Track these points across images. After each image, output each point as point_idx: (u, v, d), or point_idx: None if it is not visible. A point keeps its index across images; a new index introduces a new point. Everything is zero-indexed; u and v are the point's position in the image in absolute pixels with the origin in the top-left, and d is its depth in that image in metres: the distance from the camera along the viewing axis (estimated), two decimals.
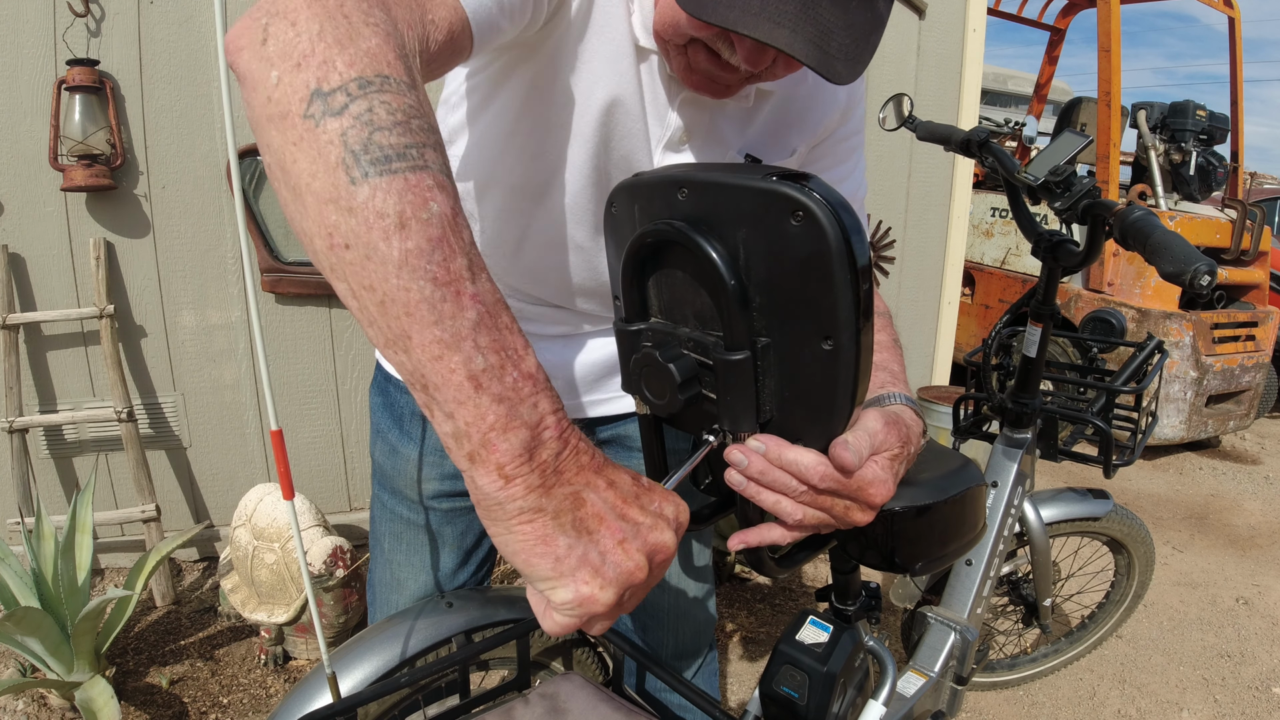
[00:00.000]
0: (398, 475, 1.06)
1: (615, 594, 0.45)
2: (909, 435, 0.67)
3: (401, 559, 1.09)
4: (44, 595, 1.76)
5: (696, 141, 0.84)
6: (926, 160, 3.39)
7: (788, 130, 0.89)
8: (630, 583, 0.46)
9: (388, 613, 1.11)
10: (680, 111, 0.81)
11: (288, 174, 0.44)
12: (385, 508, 1.10)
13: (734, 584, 2.55)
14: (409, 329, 0.42)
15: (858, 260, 0.54)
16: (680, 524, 0.51)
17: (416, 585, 1.09)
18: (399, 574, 1.10)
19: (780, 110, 0.87)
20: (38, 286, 2.24)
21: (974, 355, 1.59)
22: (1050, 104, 7.10)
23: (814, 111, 0.90)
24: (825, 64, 0.63)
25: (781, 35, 0.62)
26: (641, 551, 0.47)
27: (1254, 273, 4.20)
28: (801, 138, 0.90)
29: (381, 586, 1.13)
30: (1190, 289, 0.97)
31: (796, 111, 0.88)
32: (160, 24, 2.17)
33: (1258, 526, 3.40)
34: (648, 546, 0.47)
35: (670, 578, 1.11)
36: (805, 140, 0.90)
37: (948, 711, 1.52)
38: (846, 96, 0.91)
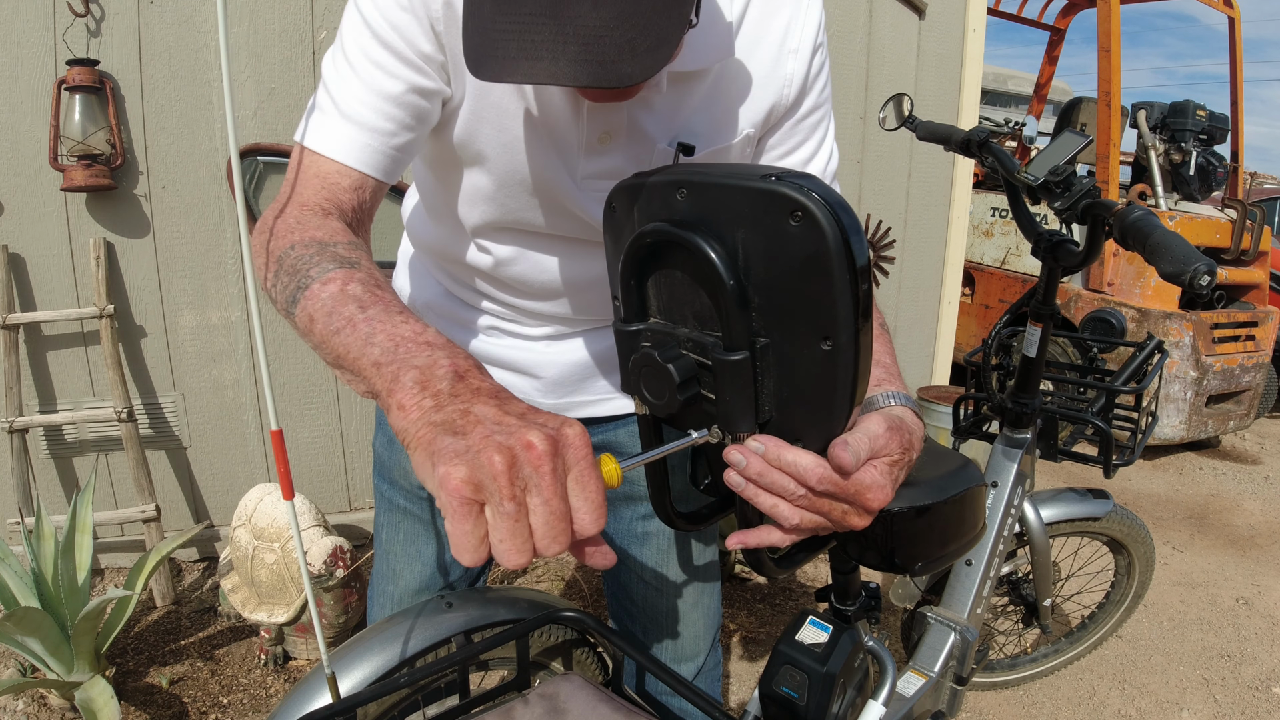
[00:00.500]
0: (394, 465, 1.08)
1: (467, 472, 0.47)
2: (911, 441, 0.67)
3: (398, 549, 1.10)
4: (44, 595, 1.76)
5: (619, 141, 0.82)
6: (926, 160, 3.39)
7: (731, 112, 0.84)
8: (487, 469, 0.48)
9: (383, 603, 1.13)
10: (590, 117, 0.79)
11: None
12: (384, 498, 1.12)
13: (734, 584, 2.55)
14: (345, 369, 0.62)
15: (856, 260, 0.54)
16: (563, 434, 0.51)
17: (412, 576, 1.10)
18: (395, 564, 1.11)
19: (717, 90, 0.83)
20: (38, 286, 2.24)
21: (974, 355, 1.59)
22: (1050, 104, 7.10)
23: (760, 90, 0.84)
24: (603, 74, 0.57)
25: (542, 70, 0.58)
26: (504, 444, 0.48)
27: (1254, 273, 4.19)
28: (750, 119, 0.85)
29: (378, 577, 1.14)
30: (1190, 289, 0.97)
31: (738, 90, 0.84)
32: (160, 24, 2.17)
33: (1258, 526, 3.40)
34: (512, 439, 0.49)
35: (670, 579, 1.11)
36: (755, 122, 0.86)
37: (948, 711, 1.52)
38: (804, 71, 0.85)
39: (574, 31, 0.58)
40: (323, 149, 0.76)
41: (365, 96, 0.76)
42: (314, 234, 0.70)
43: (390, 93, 0.76)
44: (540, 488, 0.49)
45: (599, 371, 1.01)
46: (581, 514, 0.51)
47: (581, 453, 0.51)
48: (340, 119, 0.76)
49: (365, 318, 0.60)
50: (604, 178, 0.83)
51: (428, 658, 0.94)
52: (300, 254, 0.68)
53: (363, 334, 0.59)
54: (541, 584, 2.53)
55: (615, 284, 0.70)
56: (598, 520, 0.51)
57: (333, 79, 0.78)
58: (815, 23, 0.85)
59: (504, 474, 0.47)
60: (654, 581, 1.11)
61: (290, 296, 0.66)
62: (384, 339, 0.58)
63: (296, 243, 0.69)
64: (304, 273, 0.66)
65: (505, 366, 1.02)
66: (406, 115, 0.77)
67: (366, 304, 0.62)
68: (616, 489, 1.09)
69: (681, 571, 1.11)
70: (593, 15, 0.57)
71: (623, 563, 1.13)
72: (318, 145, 0.76)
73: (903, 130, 1.51)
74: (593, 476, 0.51)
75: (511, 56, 0.58)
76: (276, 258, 0.70)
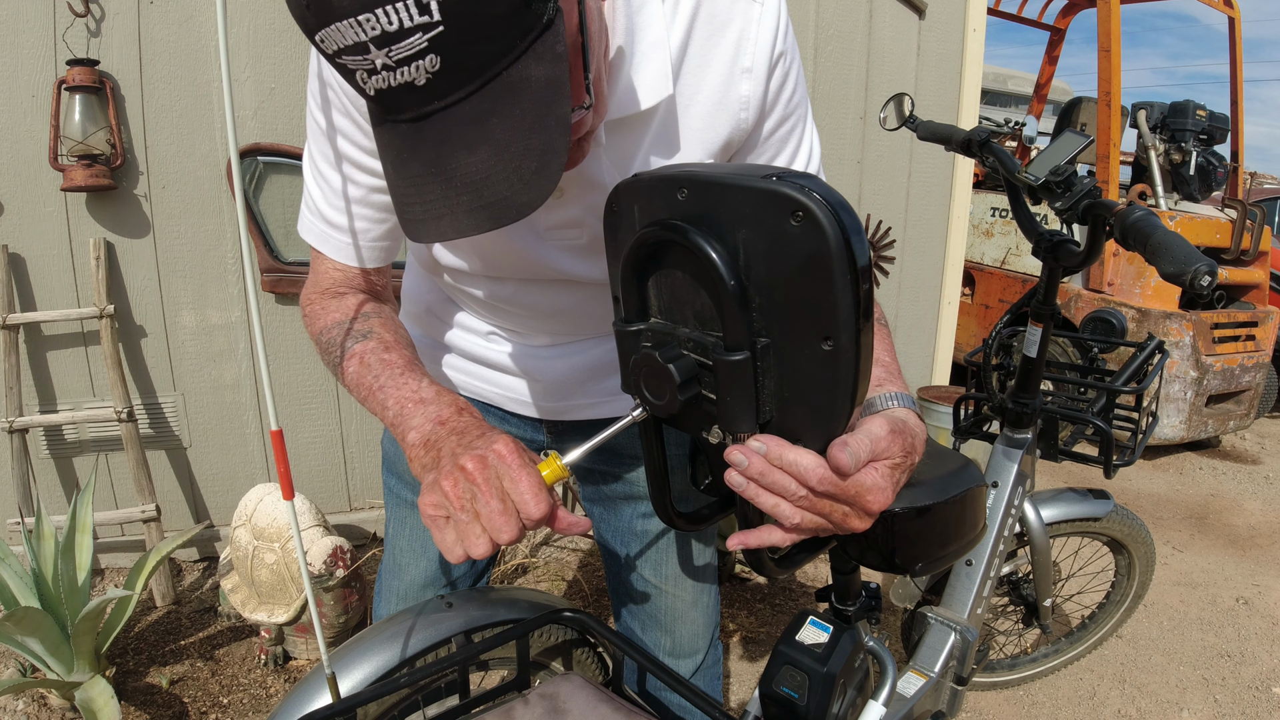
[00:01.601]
0: (400, 460, 1.09)
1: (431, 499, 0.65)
2: (913, 445, 0.66)
3: (404, 544, 1.12)
4: (44, 595, 1.76)
5: (572, 192, 0.80)
6: (926, 160, 3.39)
7: (686, 144, 0.80)
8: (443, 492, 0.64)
9: (388, 597, 1.14)
10: None
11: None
12: (392, 493, 1.13)
13: (734, 584, 2.55)
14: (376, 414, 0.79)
15: (857, 260, 0.54)
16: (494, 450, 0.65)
17: (416, 570, 1.11)
18: (400, 559, 1.13)
19: (667, 123, 0.79)
20: (38, 286, 2.24)
21: (974, 355, 1.59)
22: (1050, 104, 7.09)
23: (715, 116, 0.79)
24: (501, 214, 0.57)
25: (446, 226, 0.58)
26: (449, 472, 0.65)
27: (1254, 273, 4.19)
28: (706, 149, 0.81)
29: (385, 572, 1.17)
30: (1190, 289, 0.97)
31: (690, 121, 0.79)
32: (160, 24, 2.17)
33: (1258, 526, 3.40)
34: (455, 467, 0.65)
35: (670, 577, 1.11)
36: (712, 151, 0.81)
37: (948, 712, 1.52)
38: (762, 91, 0.79)
39: (459, 182, 0.57)
40: (320, 247, 0.88)
41: (335, 201, 0.83)
42: (333, 317, 0.85)
43: (354, 195, 0.82)
44: (478, 494, 0.63)
45: (599, 374, 1.01)
46: (524, 503, 0.63)
47: (507, 460, 0.64)
48: (323, 222, 0.86)
49: (378, 386, 0.77)
50: (566, 227, 0.83)
51: (428, 658, 0.94)
52: (328, 338, 0.84)
53: (379, 401, 0.77)
54: (542, 584, 2.53)
55: (615, 284, 0.70)
56: (537, 505, 0.63)
57: (309, 182, 0.86)
58: (770, 35, 0.78)
59: (452, 493, 0.63)
60: (654, 579, 1.12)
61: (335, 373, 0.84)
62: (393, 404, 0.75)
63: (324, 328, 0.85)
64: (333, 354, 0.83)
65: (505, 371, 1.03)
66: (375, 211, 0.84)
67: (379, 373, 0.78)
68: (616, 491, 1.09)
69: (681, 569, 1.12)
70: (470, 160, 0.56)
71: (623, 561, 1.13)
72: (314, 243, 0.88)
73: (903, 130, 1.51)
74: (521, 475, 0.63)
75: (418, 218, 0.59)
76: (315, 339, 0.88)
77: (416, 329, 1.09)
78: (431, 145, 0.57)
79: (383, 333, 0.82)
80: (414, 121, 0.56)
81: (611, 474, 1.09)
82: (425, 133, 0.57)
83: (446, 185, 0.58)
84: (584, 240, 0.84)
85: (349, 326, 0.84)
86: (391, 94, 0.55)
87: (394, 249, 0.90)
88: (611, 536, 1.14)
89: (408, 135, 0.57)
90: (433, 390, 0.75)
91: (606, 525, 1.14)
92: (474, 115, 0.56)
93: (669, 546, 1.11)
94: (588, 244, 0.84)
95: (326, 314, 0.86)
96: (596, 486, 1.12)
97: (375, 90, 0.55)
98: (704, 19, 0.76)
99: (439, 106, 0.55)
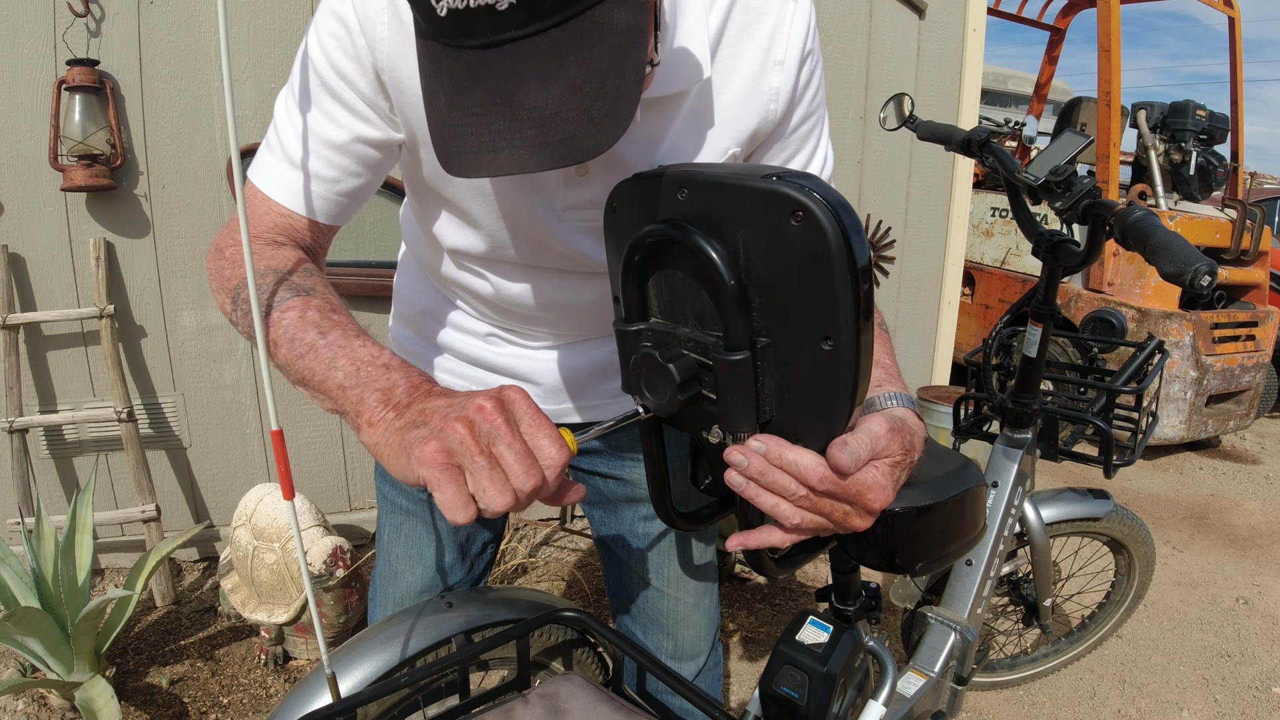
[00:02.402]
0: None
1: (438, 443, 0.55)
2: (912, 443, 0.66)
3: (400, 551, 1.10)
4: (44, 595, 1.76)
5: (596, 170, 0.79)
6: (926, 160, 3.39)
7: (715, 131, 0.81)
8: (453, 437, 0.55)
9: (384, 605, 1.12)
10: None
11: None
12: (386, 499, 1.11)
13: (734, 584, 2.55)
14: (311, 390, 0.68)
15: (858, 260, 0.54)
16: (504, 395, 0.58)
17: (413, 578, 1.09)
18: (396, 566, 1.11)
19: (698, 110, 0.79)
20: (38, 286, 2.24)
21: (974, 355, 1.59)
22: (1050, 104, 7.10)
23: (745, 105, 0.80)
24: (565, 153, 0.55)
25: (504, 161, 0.56)
26: (459, 416, 0.56)
27: (1254, 273, 4.19)
28: (734, 137, 0.81)
29: (380, 578, 1.14)
30: (1190, 289, 0.97)
31: (721, 108, 0.80)
32: (160, 24, 2.17)
33: (1258, 526, 3.40)
34: (466, 409, 0.57)
35: (671, 580, 1.11)
36: (740, 140, 0.82)
37: (948, 711, 1.52)
38: (791, 84, 0.81)
39: (527, 115, 0.55)
40: (268, 190, 0.79)
41: (310, 143, 0.77)
42: (267, 263, 0.74)
43: (335, 141, 0.77)
44: (500, 435, 0.56)
45: (599, 377, 1.01)
46: (544, 450, 0.57)
47: (524, 404, 0.58)
48: (286, 163, 0.78)
49: (326, 343, 0.67)
50: (586, 208, 0.82)
51: (428, 658, 0.94)
52: (258, 284, 0.71)
53: (325, 359, 0.66)
54: (542, 584, 2.53)
55: (616, 283, 0.70)
56: (560, 449, 0.57)
57: (282, 121, 0.79)
58: (802, 31, 0.80)
59: (468, 436, 0.55)
60: (655, 582, 1.11)
61: (256, 327, 0.68)
62: (346, 363, 0.65)
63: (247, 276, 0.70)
64: (259, 305, 0.68)
65: (504, 373, 1.01)
66: (352, 163, 0.79)
67: (325, 329, 0.68)
68: (617, 493, 1.09)
69: (682, 572, 1.11)
70: (541, 94, 0.55)
71: (623, 563, 1.12)
72: (263, 185, 0.79)
73: (903, 130, 1.51)
74: (541, 418, 0.58)
75: (472, 151, 0.57)
76: (232, 289, 0.75)
77: (409, 331, 1.07)
78: (500, 76, 0.55)
79: (327, 294, 0.73)
80: (483, 49, 0.55)
81: (612, 475, 1.08)
82: (493, 63, 0.55)
83: (511, 118, 0.56)
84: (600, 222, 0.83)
85: (287, 277, 0.73)
86: (466, 16, 0.53)
87: (352, 210, 0.83)
88: (612, 539, 1.13)
89: (472, 64, 0.56)
90: (398, 360, 0.66)
91: (606, 528, 1.13)
92: (552, 49, 0.54)
93: (670, 549, 1.10)
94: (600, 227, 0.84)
95: (258, 259, 0.74)
96: (596, 489, 1.11)
97: (448, 10, 0.53)
98: (740, 9, 0.78)
99: (516, 35, 0.54)
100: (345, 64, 0.75)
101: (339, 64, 0.75)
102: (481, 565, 1.15)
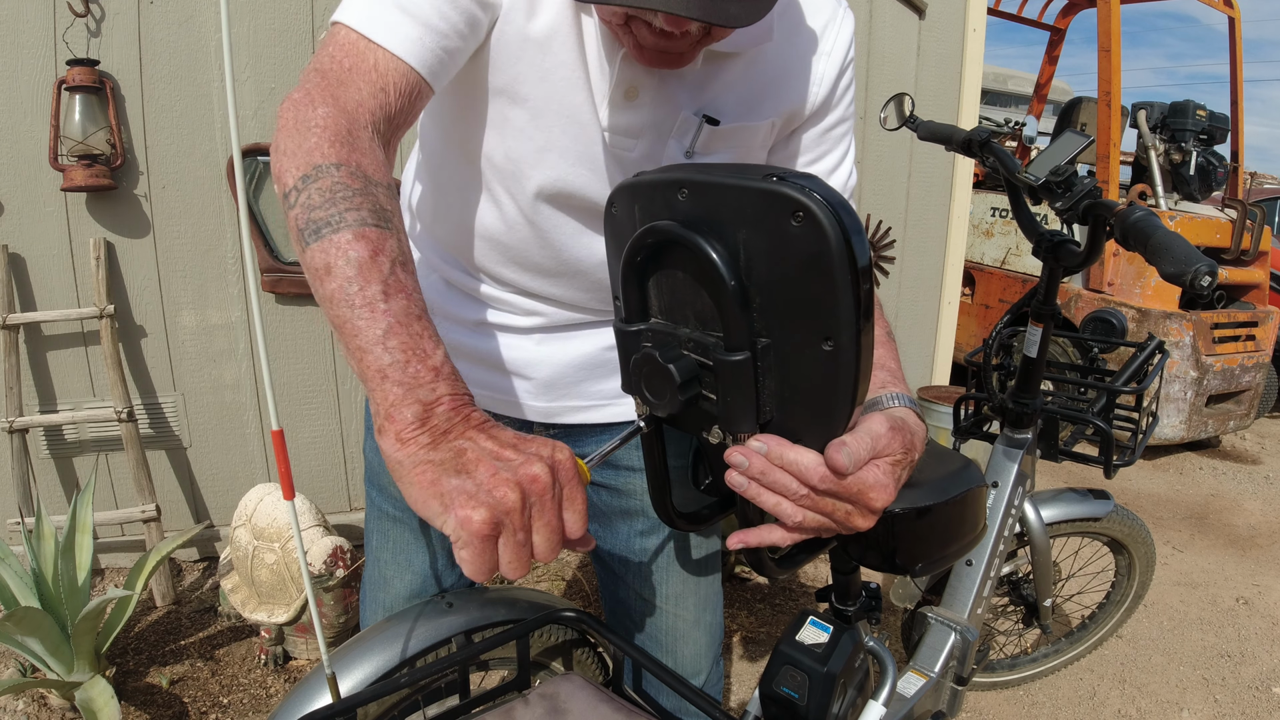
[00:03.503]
0: (383, 471, 1.05)
1: (488, 514, 0.51)
2: (913, 442, 0.66)
3: (388, 557, 1.09)
4: (44, 595, 1.76)
5: (645, 98, 0.81)
6: (926, 160, 3.39)
7: (760, 96, 0.86)
8: (503, 506, 0.52)
9: (375, 611, 1.10)
10: (621, 68, 0.78)
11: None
12: (374, 505, 1.10)
13: (734, 584, 2.55)
14: (344, 340, 0.59)
15: (858, 260, 0.54)
16: (556, 460, 0.56)
17: (402, 584, 1.08)
18: (385, 572, 1.09)
19: (750, 73, 0.84)
20: (38, 286, 2.24)
21: (974, 355, 1.59)
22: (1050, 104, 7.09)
23: (791, 81, 0.86)
24: (711, 10, 0.61)
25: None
26: (512, 480, 0.53)
27: (1254, 273, 4.19)
28: (777, 107, 0.87)
29: (369, 585, 1.12)
30: (1191, 289, 0.97)
31: (770, 77, 0.85)
32: (160, 24, 2.17)
33: (1258, 526, 3.40)
34: (519, 475, 0.53)
35: (670, 596, 1.08)
36: (782, 110, 0.87)
37: (948, 712, 1.52)
38: (835, 75, 0.88)
39: None
40: (379, 38, 0.69)
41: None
42: (362, 160, 0.64)
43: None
44: (544, 513, 0.54)
45: (592, 375, 0.98)
46: (572, 525, 0.56)
47: (570, 473, 0.56)
48: (396, 9, 0.70)
49: (386, 309, 0.58)
50: (627, 134, 0.83)
51: (428, 658, 0.94)
52: (341, 180, 0.61)
53: (380, 328, 0.57)
54: (541, 584, 2.53)
55: (616, 284, 0.70)
56: (584, 524, 0.57)
57: None
58: (849, 37, 0.88)
59: (518, 510, 0.53)
60: (653, 599, 1.08)
61: (313, 224, 0.60)
62: (398, 347, 0.57)
63: (342, 162, 0.62)
64: (338, 208, 0.60)
65: (495, 366, 0.98)
66: (461, 20, 0.73)
67: (391, 292, 0.59)
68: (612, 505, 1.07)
69: (683, 588, 1.08)
70: None
71: (620, 579, 1.09)
72: (374, 33, 0.69)
73: (903, 130, 1.51)
74: (579, 491, 0.57)
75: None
76: (314, 165, 0.62)
77: None
78: None
79: (403, 235, 0.64)
80: None
81: (606, 487, 1.05)
82: None
83: None
84: (634, 154, 0.84)
85: (375, 192, 0.63)
86: None
87: (448, 76, 0.75)
88: (607, 555, 1.09)
89: None
90: (449, 367, 0.59)
91: (602, 543, 1.09)
92: None
93: (669, 564, 1.07)
94: (635, 160, 0.85)
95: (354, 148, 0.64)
96: (590, 501, 1.07)
97: None
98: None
99: None
100: None
101: None
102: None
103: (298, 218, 0.61)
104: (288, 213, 0.63)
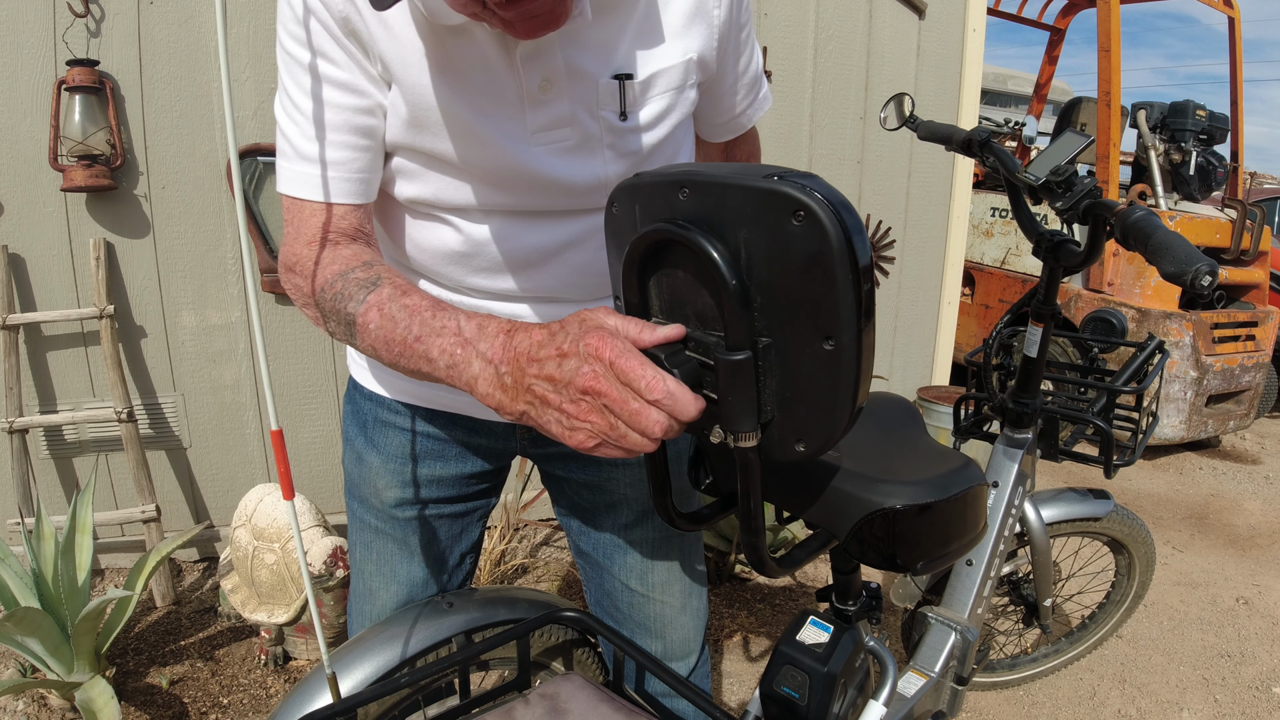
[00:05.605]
0: (363, 483, 1.05)
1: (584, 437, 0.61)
2: None
3: (372, 568, 1.08)
4: (44, 595, 1.76)
5: (560, 86, 0.80)
6: (926, 160, 3.40)
7: (668, 37, 0.84)
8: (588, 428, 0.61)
9: (361, 621, 1.10)
10: (525, 65, 0.78)
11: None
12: (355, 516, 1.09)
13: (734, 584, 2.55)
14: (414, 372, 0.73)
15: (859, 260, 0.54)
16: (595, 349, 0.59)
17: (388, 594, 1.07)
18: (370, 583, 1.09)
19: (647, 19, 0.83)
20: (38, 287, 2.24)
21: (974, 355, 1.59)
22: (1050, 104, 7.10)
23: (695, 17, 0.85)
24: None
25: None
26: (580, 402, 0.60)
27: (1254, 273, 4.19)
28: (688, 44, 0.85)
29: (356, 596, 1.12)
30: (1191, 289, 0.97)
31: (672, 15, 0.84)
32: (160, 24, 2.17)
33: (1258, 526, 3.40)
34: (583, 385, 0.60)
35: (656, 584, 1.09)
36: (695, 46, 0.85)
37: (948, 711, 1.52)
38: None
39: None
40: (298, 194, 0.81)
41: (313, 132, 0.80)
42: (332, 269, 0.78)
43: (334, 121, 0.79)
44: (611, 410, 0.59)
45: None
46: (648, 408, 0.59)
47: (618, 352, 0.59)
48: (302, 161, 0.81)
49: (414, 338, 0.70)
50: (555, 127, 0.82)
51: (428, 658, 0.94)
52: (333, 293, 0.77)
53: (421, 355, 0.70)
54: (542, 584, 2.53)
55: (616, 283, 0.70)
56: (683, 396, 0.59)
57: (284, 123, 0.81)
58: None
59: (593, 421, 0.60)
60: (639, 588, 1.08)
61: (348, 333, 0.76)
62: (439, 355, 0.68)
63: (324, 283, 0.77)
64: (343, 310, 0.75)
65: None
66: (358, 138, 0.81)
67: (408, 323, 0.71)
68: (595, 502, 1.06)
69: (667, 575, 1.09)
70: None
71: (606, 570, 1.10)
72: (292, 191, 0.82)
73: (903, 130, 1.51)
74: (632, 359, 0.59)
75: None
76: (315, 303, 0.80)
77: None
78: None
79: (392, 278, 0.76)
80: None
81: (588, 483, 1.05)
82: None
83: None
84: (573, 141, 0.83)
85: (354, 274, 0.76)
86: None
87: (374, 183, 0.85)
88: (591, 549, 1.10)
89: None
90: (473, 325, 0.68)
91: (585, 538, 1.10)
92: None
93: (653, 554, 1.07)
94: (576, 144, 0.84)
95: (323, 268, 0.78)
96: (571, 498, 1.08)
97: None
98: None
99: None
100: (320, 41, 0.77)
101: (315, 43, 0.78)
102: (460, 576, 1.12)
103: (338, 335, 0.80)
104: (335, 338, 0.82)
